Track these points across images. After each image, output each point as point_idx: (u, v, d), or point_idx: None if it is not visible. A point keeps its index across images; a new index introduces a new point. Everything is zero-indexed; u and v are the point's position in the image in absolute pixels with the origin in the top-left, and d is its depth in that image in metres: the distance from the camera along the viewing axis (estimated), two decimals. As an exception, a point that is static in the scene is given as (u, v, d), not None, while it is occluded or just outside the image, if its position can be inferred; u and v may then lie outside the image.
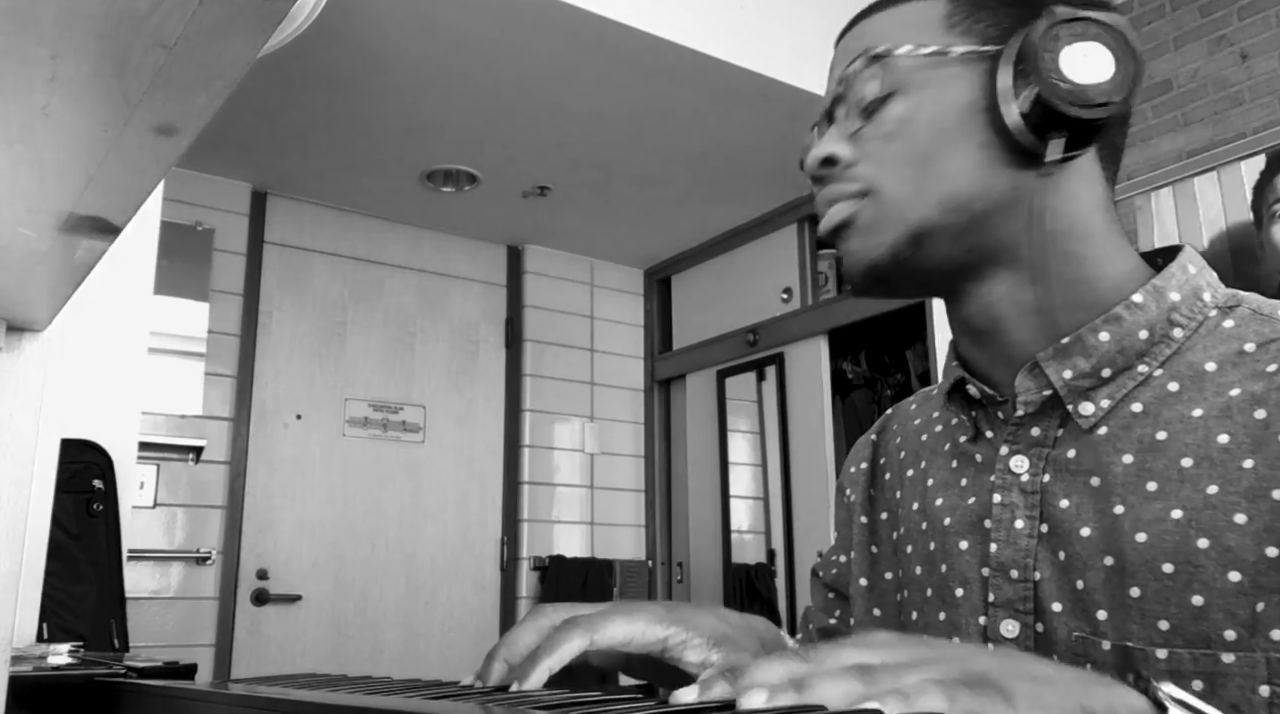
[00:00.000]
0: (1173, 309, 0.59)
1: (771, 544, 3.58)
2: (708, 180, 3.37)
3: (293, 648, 3.24)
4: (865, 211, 0.62)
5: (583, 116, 2.93)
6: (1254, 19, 2.73)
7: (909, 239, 0.60)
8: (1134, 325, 0.58)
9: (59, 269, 0.47)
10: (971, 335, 0.65)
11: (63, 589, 1.70)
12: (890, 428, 0.78)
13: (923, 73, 0.61)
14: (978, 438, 0.65)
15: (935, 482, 0.68)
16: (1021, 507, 0.60)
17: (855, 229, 0.62)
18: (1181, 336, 0.58)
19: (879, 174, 0.61)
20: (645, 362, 4.18)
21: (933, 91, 0.60)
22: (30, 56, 0.28)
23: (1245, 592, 0.50)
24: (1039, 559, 0.59)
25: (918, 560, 0.68)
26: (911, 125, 0.60)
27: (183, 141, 0.34)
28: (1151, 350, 0.58)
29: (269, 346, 3.38)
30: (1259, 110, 2.68)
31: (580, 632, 0.50)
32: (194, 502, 3.10)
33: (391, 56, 2.60)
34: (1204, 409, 0.55)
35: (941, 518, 0.66)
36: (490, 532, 3.73)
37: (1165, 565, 0.53)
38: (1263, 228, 2.58)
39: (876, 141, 0.62)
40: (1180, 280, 0.60)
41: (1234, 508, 0.52)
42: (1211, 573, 0.51)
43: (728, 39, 2.53)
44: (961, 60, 0.60)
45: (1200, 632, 0.51)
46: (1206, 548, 0.52)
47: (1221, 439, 0.54)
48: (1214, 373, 0.56)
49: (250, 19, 0.26)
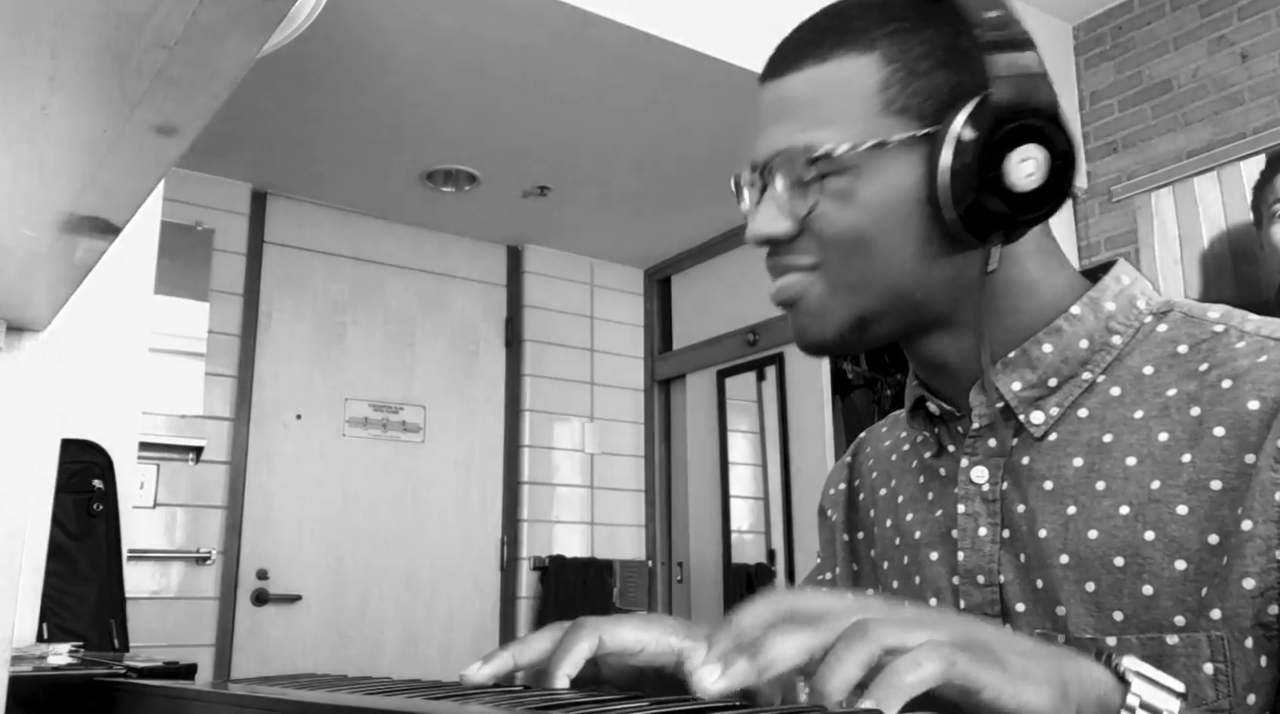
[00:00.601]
0: (1109, 318, 0.62)
1: (771, 544, 3.58)
2: (708, 180, 3.37)
3: (293, 648, 3.24)
4: (813, 291, 0.63)
5: (583, 116, 2.93)
6: (1254, 19, 2.73)
7: (854, 324, 0.63)
8: (1074, 336, 0.62)
9: (59, 269, 0.47)
10: (927, 369, 0.68)
11: (63, 589, 1.70)
12: (864, 451, 0.82)
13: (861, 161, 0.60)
14: (941, 453, 0.69)
15: (905, 498, 0.72)
16: (984, 515, 0.64)
17: (803, 308, 0.64)
18: (1120, 343, 0.62)
19: (827, 256, 0.62)
20: (645, 361, 4.18)
21: (872, 178, 0.60)
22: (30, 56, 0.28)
23: (1191, 579, 0.54)
24: (1002, 563, 0.62)
25: (894, 575, 0.71)
26: (850, 207, 0.61)
27: (183, 141, 0.34)
28: (1093, 358, 0.62)
29: (269, 346, 3.38)
30: (1259, 110, 2.68)
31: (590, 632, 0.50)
32: (194, 502, 3.10)
33: (391, 56, 2.60)
34: (1144, 410, 0.59)
35: (912, 532, 0.69)
36: (490, 532, 3.73)
37: (1116, 559, 0.56)
38: (1263, 228, 2.58)
39: (821, 219, 0.62)
40: (1115, 291, 0.63)
41: (1176, 500, 0.55)
42: (1159, 563, 0.55)
43: (728, 39, 2.53)
44: (899, 148, 0.60)
45: (1152, 619, 0.54)
46: (1153, 540, 0.55)
47: (1161, 437, 0.57)
48: (1152, 376, 0.60)
49: (250, 19, 0.26)
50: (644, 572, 3.93)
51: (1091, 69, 3.16)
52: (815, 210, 0.62)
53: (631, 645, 0.51)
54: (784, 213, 0.63)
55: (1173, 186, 2.83)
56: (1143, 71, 3.00)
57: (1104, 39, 3.13)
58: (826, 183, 0.61)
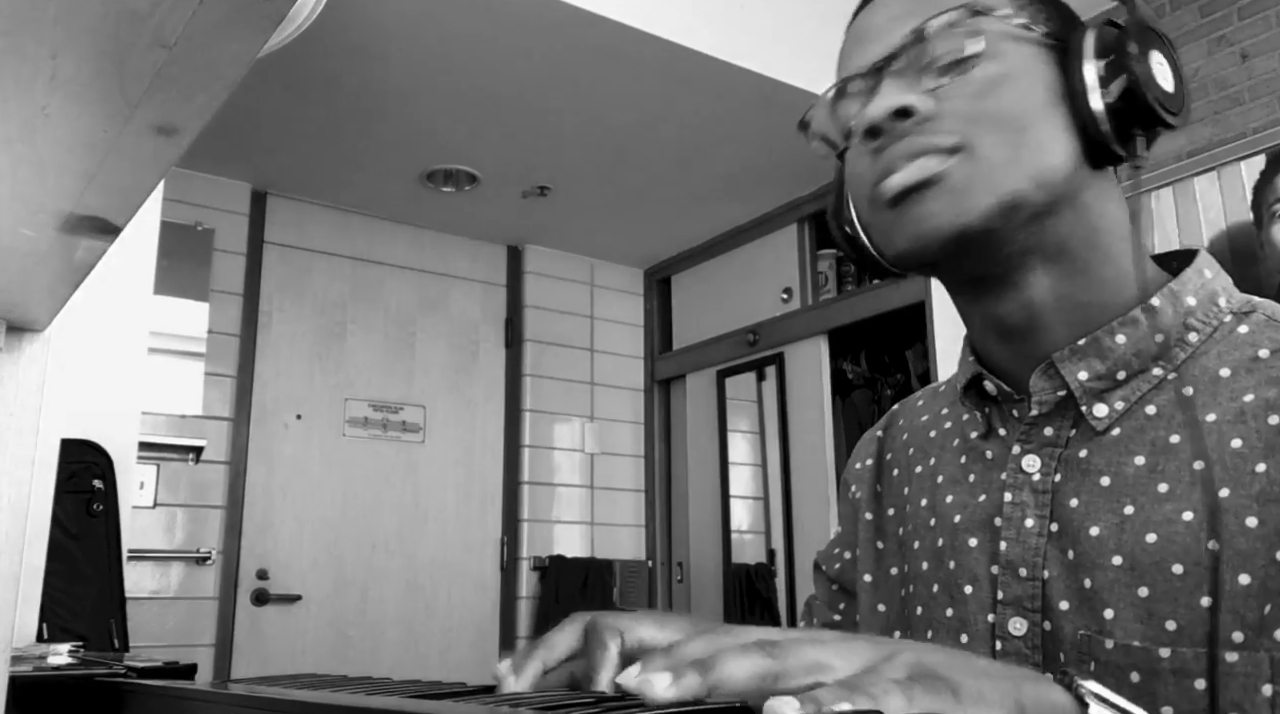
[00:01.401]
0: (1188, 313, 0.59)
1: (771, 544, 3.58)
2: (708, 180, 3.37)
3: (293, 648, 3.24)
4: (958, 171, 0.57)
5: (583, 116, 2.93)
6: (1254, 19, 2.73)
7: (1001, 209, 0.57)
8: (1150, 329, 0.59)
9: (59, 269, 0.47)
10: (1001, 332, 0.63)
11: (63, 589, 1.70)
12: (896, 424, 0.78)
13: (1010, 43, 0.58)
14: (989, 435, 0.66)
15: (945, 478, 0.68)
16: (1032, 506, 0.61)
17: (943, 188, 0.57)
18: (1197, 341, 0.59)
19: (974, 131, 0.57)
20: (645, 362, 4.18)
21: (1022, 64, 0.58)
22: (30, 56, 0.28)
23: (1254, 594, 0.51)
24: (1048, 558, 0.59)
25: (924, 556, 0.68)
26: (1004, 89, 0.57)
27: (183, 141, 0.34)
28: (1167, 354, 0.59)
29: (269, 346, 3.38)
30: (1259, 110, 2.68)
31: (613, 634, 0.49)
32: (194, 502, 3.10)
33: (391, 56, 2.60)
34: (1218, 413, 0.56)
35: (951, 515, 0.66)
36: (490, 532, 3.73)
37: (1175, 566, 0.53)
38: (1263, 228, 2.58)
39: (965, 99, 0.58)
40: (1196, 285, 0.60)
41: (1246, 511, 0.52)
42: (1222, 575, 0.52)
43: (728, 39, 2.53)
44: (1041, 42, 0.59)
45: (1207, 633, 0.51)
46: (1217, 550, 0.52)
47: (1235, 443, 0.54)
48: (1228, 378, 0.57)
49: (250, 19, 0.26)
50: (644, 572, 3.93)
51: (1091, 69, 3.15)
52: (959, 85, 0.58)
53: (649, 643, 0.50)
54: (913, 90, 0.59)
55: (1173, 186, 2.83)
56: (1143, 71, 3.00)
57: (1104, 39, 3.13)
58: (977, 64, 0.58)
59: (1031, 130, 0.57)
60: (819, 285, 3.49)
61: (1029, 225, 0.58)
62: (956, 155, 0.57)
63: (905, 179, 0.58)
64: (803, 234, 3.54)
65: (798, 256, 3.54)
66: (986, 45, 0.58)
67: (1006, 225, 0.57)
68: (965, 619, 0.63)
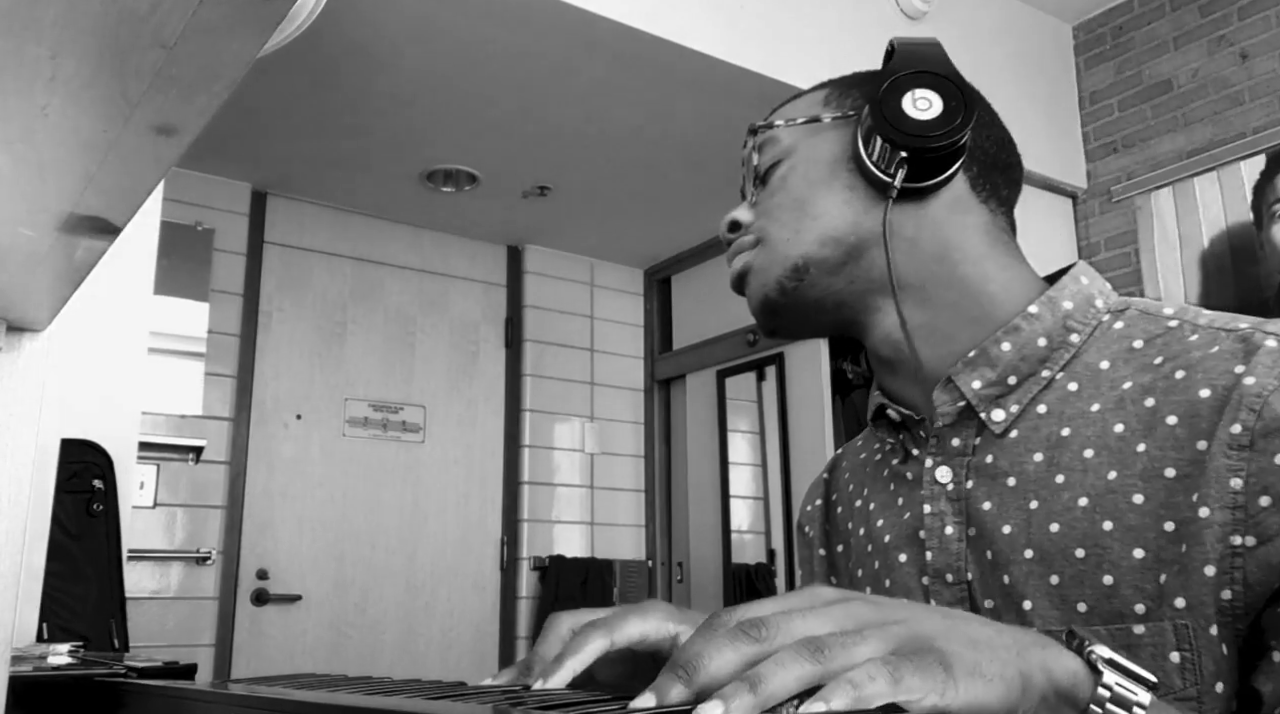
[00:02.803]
0: (1067, 317, 0.64)
1: (771, 544, 3.58)
2: (708, 180, 3.37)
3: (293, 648, 3.24)
4: (758, 257, 0.71)
5: (583, 116, 2.93)
6: (1254, 19, 2.73)
7: (791, 272, 0.69)
8: (1032, 334, 0.64)
9: (59, 269, 0.47)
10: (883, 363, 0.70)
11: (63, 589, 1.70)
12: (840, 465, 0.84)
13: (800, 139, 0.71)
14: (907, 458, 0.70)
15: (876, 505, 0.73)
16: (950, 514, 0.65)
17: (752, 274, 0.72)
18: (1078, 341, 0.64)
19: (767, 225, 0.71)
20: (645, 362, 4.18)
21: (807, 152, 0.70)
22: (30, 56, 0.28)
23: (1149, 566, 0.55)
24: (969, 561, 0.63)
25: (867, 581, 0.72)
26: (790, 180, 0.70)
27: (183, 141, 0.34)
28: (1051, 356, 0.63)
29: (269, 347, 3.38)
30: (1259, 110, 2.68)
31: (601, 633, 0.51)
32: (194, 502, 3.09)
33: (391, 56, 2.60)
34: (1100, 403, 0.60)
35: (882, 536, 0.70)
36: (490, 532, 3.73)
37: (1077, 550, 0.57)
38: (1263, 228, 2.58)
39: (766, 201, 0.71)
40: (1073, 290, 0.65)
41: (1132, 489, 0.56)
42: (1118, 552, 0.56)
43: (728, 39, 2.53)
44: (830, 125, 0.70)
45: (1114, 609, 0.55)
46: (1111, 529, 0.56)
47: (1117, 428, 0.59)
48: (1108, 370, 0.61)
49: (250, 19, 0.26)
50: (644, 572, 3.93)
51: (1091, 69, 3.16)
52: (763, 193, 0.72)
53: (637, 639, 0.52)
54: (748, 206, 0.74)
55: (1173, 187, 2.83)
56: (1143, 71, 3.00)
57: (1104, 39, 3.13)
58: (775, 169, 0.71)
59: (810, 205, 0.69)
60: (819, 285, 3.49)
61: (837, 275, 0.68)
62: (757, 247, 0.72)
63: (732, 273, 0.74)
64: (803, 234, 3.54)
65: (798, 256, 3.54)
66: (776, 151, 0.72)
67: (804, 283, 0.69)
68: None
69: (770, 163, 0.72)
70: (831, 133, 0.70)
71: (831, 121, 0.70)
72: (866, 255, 0.67)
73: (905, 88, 0.65)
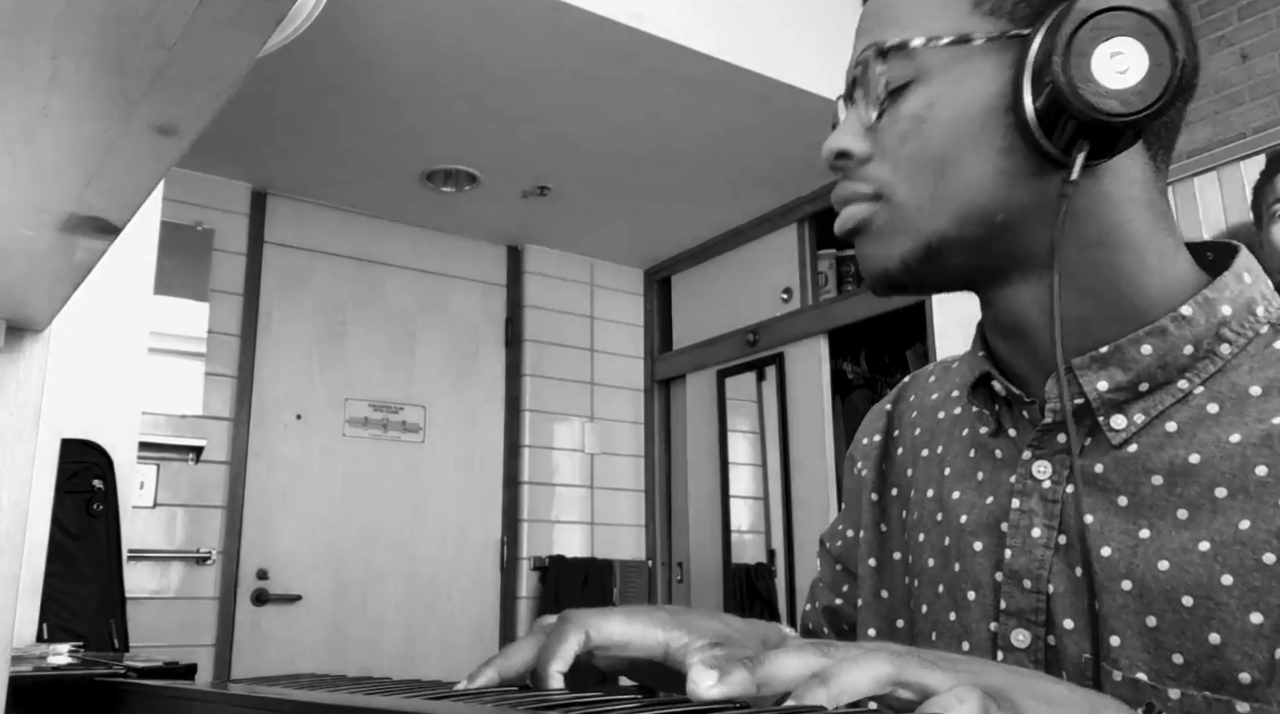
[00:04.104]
0: (1223, 324, 0.55)
1: (771, 544, 3.58)
2: (708, 180, 3.37)
3: (293, 648, 3.24)
4: (879, 217, 0.59)
5: (583, 116, 2.93)
6: (1254, 19, 2.73)
7: (922, 251, 0.57)
8: (1180, 340, 0.54)
9: (59, 269, 0.47)
10: (1001, 332, 0.61)
11: (63, 589, 1.70)
12: (906, 399, 0.75)
13: (941, 62, 0.56)
14: (999, 433, 0.62)
15: (952, 471, 0.65)
16: (1040, 515, 0.58)
17: (869, 234, 0.59)
18: (1229, 353, 0.54)
19: (892, 178, 0.58)
20: (645, 362, 4.18)
21: (953, 85, 0.56)
22: (30, 56, 0.28)
23: (1265, 635, 0.48)
24: (1054, 571, 0.56)
25: (930, 552, 0.65)
26: (927, 125, 0.56)
27: (183, 141, 0.34)
28: (1195, 366, 0.55)
29: (269, 346, 3.38)
30: (1259, 110, 2.68)
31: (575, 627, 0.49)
32: (194, 502, 3.10)
33: (391, 56, 2.60)
34: (1243, 435, 0.52)
35: (958, 514, 0.63)
36: (490, 532, 3.73)
37: (1185, 598, 0.50)
38: (1263, 228, 2.58)
39: (891, 139, 0.58)
40: (1234, 291, 0.55)
41: (1264, 546, 0.49)
42: (1233, 611, 0.49)
43: (728, 39, 2.53)
44: (985, 49, 0.55)
45: (1214, 671, 0.49)
46: (1230, 585, 0.49)
47: (1259, 471, 0.50)
48: (1258, 397, 0.52)
49: (250, 19, 0.26)
50: (644, 572, 3.93)
51: (1091, 69, 3.15)
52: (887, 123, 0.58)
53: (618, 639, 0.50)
54: (859, 127, 0.59)
55: (1173, 186, 2.83)
56: (1143, 71, 2.99)
57: (1104, 39, 3.13)
58: (905, 94, 0.57)
59: (954, 167, 0.56)
60: (819, 285, 3.49)
61: (976, 252, 0.57)
62: (878, 202, 0.58)
63: (840, 224, 0.61)
64: (803, 234, 3.54)
65: (798, 257, 3.54)
66: (913, 72, 0.57)
67: (934, 264, 0.58)
68: (967, 625, 0.60)
69: (900, 82, 0.57)
70: (986, 62, 0.55)
71: (987, 43, 0.55)
72: (1012, 231, 0.56)
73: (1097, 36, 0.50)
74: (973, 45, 0.55)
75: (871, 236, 0.59)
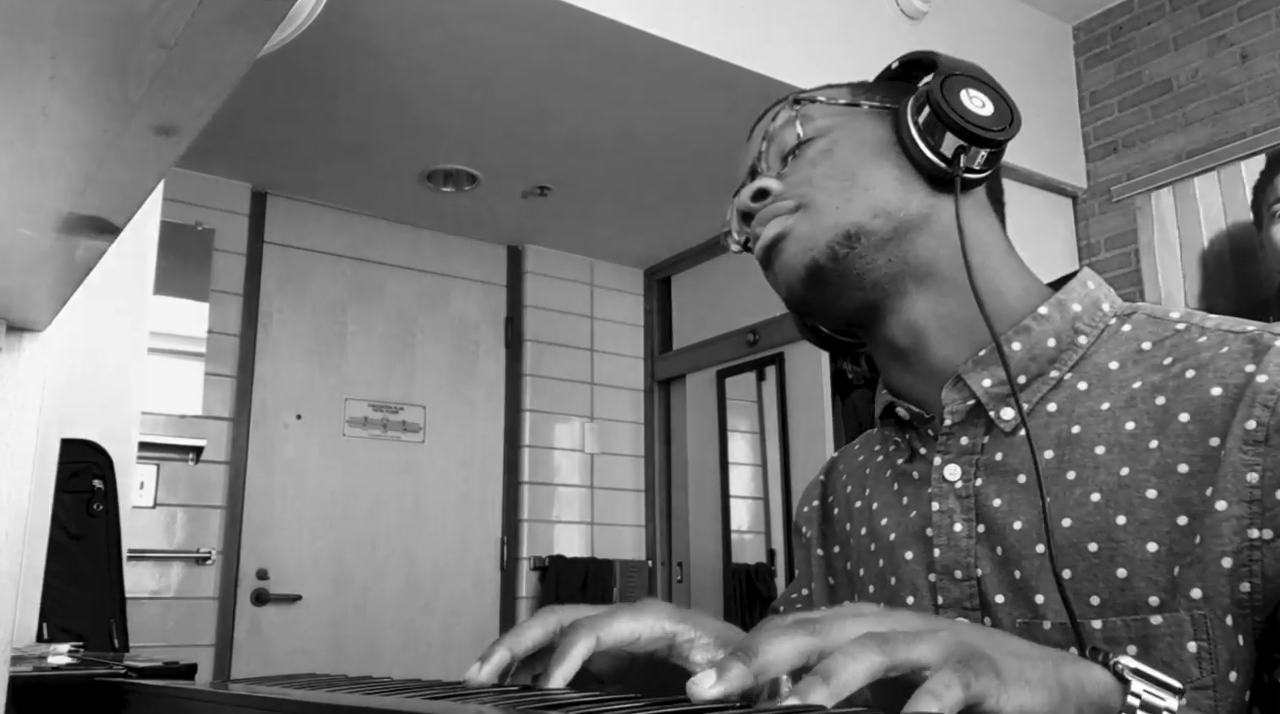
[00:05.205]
0: (1075, 319, 0.65)
1: (771, 544, 3.58)
2: (708, 180, 3.37)
3: (293, 648, 3.24)
4: (800, 223, 0.68)
5: (583, 116, 2.93)
6: (1254, 19, 2.73)
7: (844, 239, 0.66)
8: (1042, 334, 0.64)
9: (59, 269, 0.47)
10: (897, 356, 0.70)
11: (63, 589, 1.70)
12: (837, 468, 0.83)
13: (838, 119, 0.70)
14: (914, 457, 0.70)
15: (879, 504, 0.73)
16: (958, 511, 0.65)
17: (791, 238, 0.69)
18: (1086, 342, 0.64)
19: (810, 191, 0.68)
20: (645, 362, 4.18)
21: (849, 132, 0.69)
22: (30, 56, 0.28)
23: (1163, 560, 0.55)
24: (979, 557, 0.63)
25: (870, 580, 0.72)
26: (834, 153, 0.69)
27: (183, 141, 0.34)
28: (1060, 357, 0.64)
29: (269, 347, 3.38)
30: (1259, 110, 2.68)
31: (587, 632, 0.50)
32: (194, 502, 3.09)
33: (391, 56, 2.60)
34: (1111, 401, 0.61)
35: (887, 534, 0.70)
36: (490, 532, 3.73)
37: (1090, 545, 0.58)
38: (1263, 228, 2.58)
39: (803, 170, 0.69)
40: (1080, 294, 0.66)
41: (1145, 485, 0.57)
42: (1131, 546, 0.56)
43: (728, 39, 2.53)
44: (870, 113, 0.70)
45: (1128, 601, 0.56)
46: (1124, 523, 0.57)
47: (1128, 425, 0.59)
48: (1117, 370, 0.62)
49: (250, 19, 0.26)
50: (644, 572, 3.93)
51: (1091, 69, 3.16)
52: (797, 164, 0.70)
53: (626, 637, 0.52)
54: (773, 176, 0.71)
55: (1173, 186, 2.82)
56: (1143, 71, 3.00)
57: (1104, 39, 3.13)
58: (810, 145, 0.70)
59: (860, 177, 0.67)
60: (819, 285, 3.49)
61: (882, 250, 0.67)
62: (799, 212, 0.69)
63: (764, 238, 0.70)
64: (803, 234, 3.54)
65: (798, 256, 3.54)
66: (814, 128, 0.70)
67: (854, 252, 0.66)
68: None
69: (808, 137, 0.70)
70: (872, 120, 0.70)
71: (870, 109, 0.70)
72: (909, 236, 0.67)
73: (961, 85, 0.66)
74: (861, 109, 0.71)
75: (795, 239, 0.69)
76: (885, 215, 0.66)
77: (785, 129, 0.72)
